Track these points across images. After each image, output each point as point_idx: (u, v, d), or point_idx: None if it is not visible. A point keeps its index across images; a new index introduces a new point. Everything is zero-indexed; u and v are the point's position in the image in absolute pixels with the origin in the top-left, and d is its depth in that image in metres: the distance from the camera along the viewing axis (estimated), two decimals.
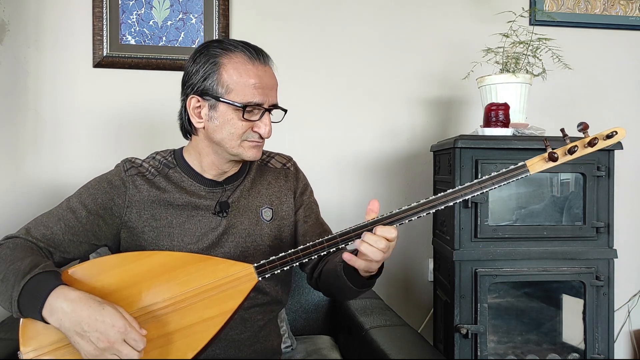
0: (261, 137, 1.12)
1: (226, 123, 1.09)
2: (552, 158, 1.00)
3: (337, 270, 1.09)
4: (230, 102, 1.07)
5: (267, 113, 1.11)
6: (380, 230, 0.97)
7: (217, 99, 1.08)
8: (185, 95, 1.14)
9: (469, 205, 1.66)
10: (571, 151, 1.00)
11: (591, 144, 1.00)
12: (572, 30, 2.25)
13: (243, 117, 1.08)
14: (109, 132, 1.99)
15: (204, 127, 1.12)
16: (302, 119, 2.09)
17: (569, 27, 2.25)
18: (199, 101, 1.11)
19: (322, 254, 1.01)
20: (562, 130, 1.03)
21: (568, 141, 1.01)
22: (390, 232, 0.97)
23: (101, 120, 1.99)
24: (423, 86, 2.18)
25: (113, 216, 1.13)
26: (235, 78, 1.07)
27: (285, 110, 1.15)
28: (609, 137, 1.00)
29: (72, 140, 1.97)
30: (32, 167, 1.95)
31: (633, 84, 2.30)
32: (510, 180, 1.00)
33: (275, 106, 1.13)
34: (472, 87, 2.06)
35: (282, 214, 1.23)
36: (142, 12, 2.00)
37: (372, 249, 0.96)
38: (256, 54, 1.10)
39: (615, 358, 1.88)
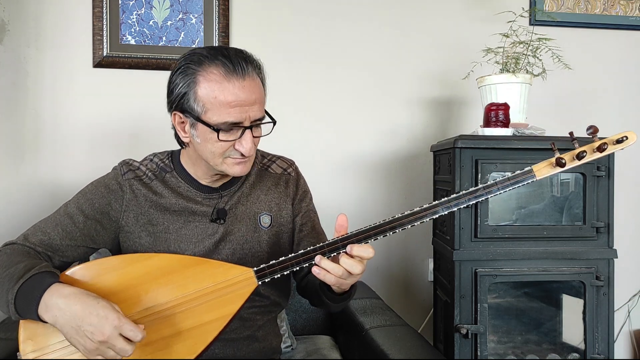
0: (244, 155, 1.06)
1: (206, 142, 1.05)
2: (560, 164, 0.96)
3: (317, 283, 1.09)
4: (206, 122, 1.03)
5: (247, 131, 1.04)
6: (356, 249, 0.94)
7: (196, 118, 1.04)
8: (170, 108, 1.10)
9: (469, 205, 1.66)
10: (580, 156, 0.96)
11: (600, 149, 0.95)
12: (572, 30, 2.25)
13: (219, 138, 1.03)
14: (109, 132, 1.99)
15: (190, 142, 1.10)
16: (301, 119, 2.09)
17: (569, 27, 2.25)
18: (181, 117, 1.08)
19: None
20: (571, 133, 0.98)
21: (577, 145, 0.96)
22: (368, 251, 0.94)
23: (101, 120, 1.99)
24: (423, 86, 2.18)
25: (110, 220, 1.13)
26: (210, 98, 1.02)
27: (274, 122, 1.09)
28: (618, 142, 0.95)
29: (72, 140, 1.97)
30: (32, 167, 1.95)
31: (633, 84, 2.30)
32: (517, 186, 0.97)
33: (259, 120, 1.07)
34: (472, 87, 2.06)
35: (281, 221, 1.22)
36: (142, 12, 1.99)
37: (342, 270, 0.94)
38: (233, 68, 1.02)
39: (615, 358, 1.88)
